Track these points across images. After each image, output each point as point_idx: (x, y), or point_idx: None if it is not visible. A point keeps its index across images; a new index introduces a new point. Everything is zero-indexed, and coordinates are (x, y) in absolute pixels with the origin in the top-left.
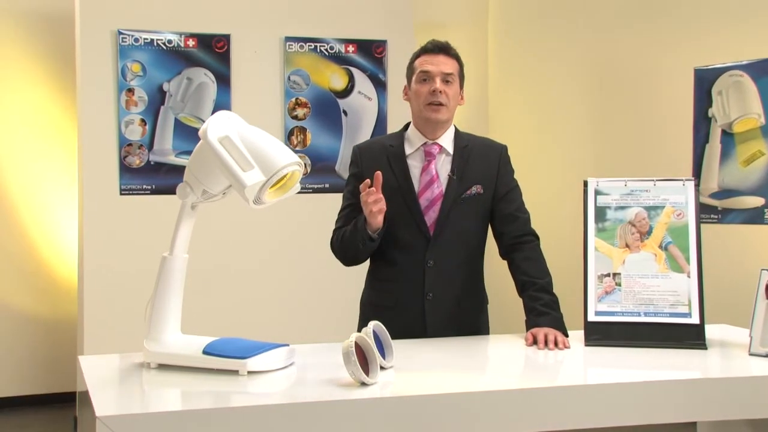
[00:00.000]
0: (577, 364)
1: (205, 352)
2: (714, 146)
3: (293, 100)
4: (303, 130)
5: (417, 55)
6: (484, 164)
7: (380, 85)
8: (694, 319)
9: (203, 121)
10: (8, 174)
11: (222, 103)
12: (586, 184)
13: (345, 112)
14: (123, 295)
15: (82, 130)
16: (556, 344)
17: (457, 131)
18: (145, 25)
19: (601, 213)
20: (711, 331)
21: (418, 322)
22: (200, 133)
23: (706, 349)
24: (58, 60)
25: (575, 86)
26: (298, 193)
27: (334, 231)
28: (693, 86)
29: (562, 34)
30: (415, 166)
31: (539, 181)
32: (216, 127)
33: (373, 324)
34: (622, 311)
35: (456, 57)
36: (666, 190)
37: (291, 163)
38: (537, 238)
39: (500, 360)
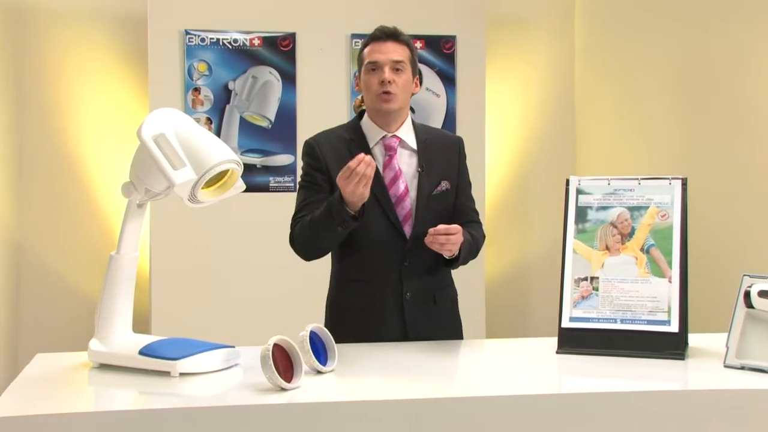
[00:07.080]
0: (547, 373)
1: (140, 353)
2: None
3: (359, 97)
4: None
5: (365, 44)
6: (446, 159)
7: (449, 82)
8: (673, 328)
9: (269, 120)
10: (92, 169)
11: (287, 101)
12: (568, 182)
13: (412, 109)
14: (189, 290)
15: None
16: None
17: (414, 123)
18: (211, 25)
19: (582, 213)
20: (708, 340)
21: (397, 322)
22: (136, 130)
23: (683, 359)
24: (134, 60)
25: (664, 83)
26: None
27: (294, 222)
28: None
29: (650, 27)
30: (377, 161)
31: None
32: (151, 124)
33: (312, 326)
34: (598, 317)
35: (406, 43)
36: (651, 190)
37: (224, 161)
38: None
39: (464, 366)
